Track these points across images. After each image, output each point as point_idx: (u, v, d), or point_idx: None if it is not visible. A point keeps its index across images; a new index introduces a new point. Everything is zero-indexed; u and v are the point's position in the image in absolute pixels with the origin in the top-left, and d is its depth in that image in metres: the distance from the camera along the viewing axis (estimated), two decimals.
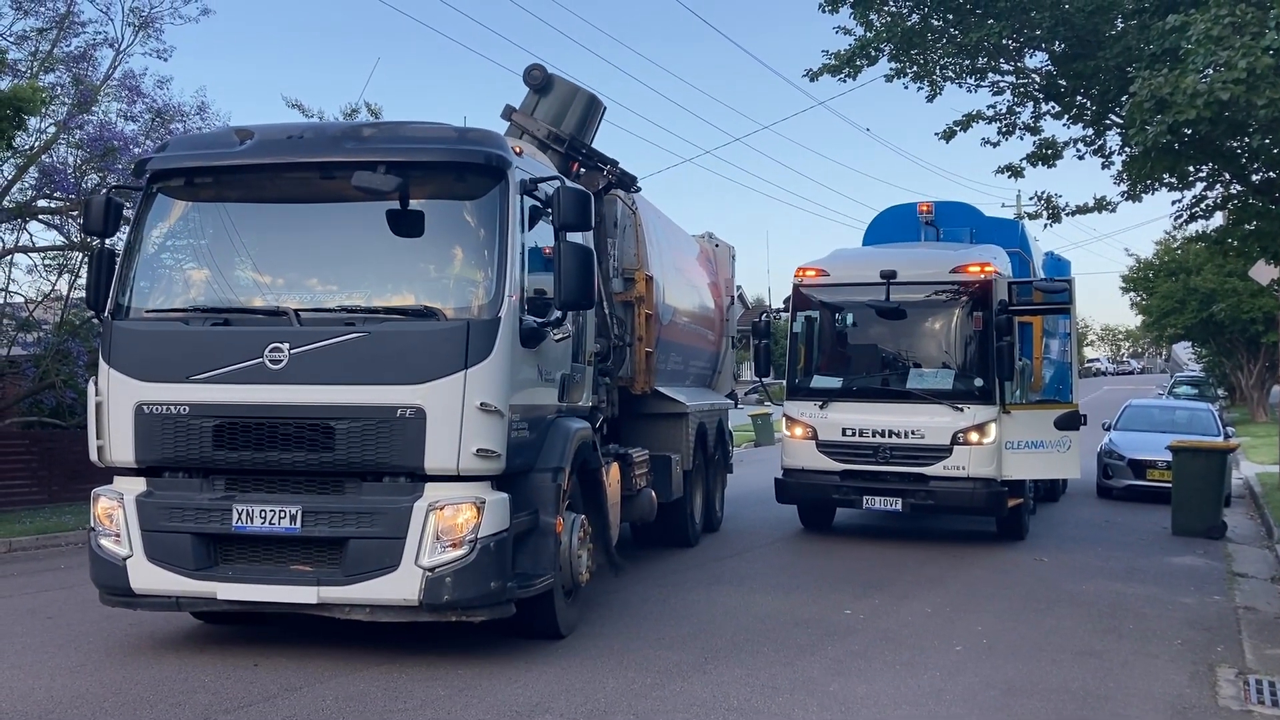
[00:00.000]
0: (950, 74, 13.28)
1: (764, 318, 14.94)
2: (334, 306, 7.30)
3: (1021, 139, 13.08)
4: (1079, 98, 12.42)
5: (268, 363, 7.08)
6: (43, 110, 15.48)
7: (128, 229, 7.88)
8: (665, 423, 11.72)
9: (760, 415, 31.52)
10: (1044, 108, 13.01)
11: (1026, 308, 13.18)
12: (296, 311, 7.22)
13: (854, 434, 12.92)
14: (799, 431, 13.29)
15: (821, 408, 13.13)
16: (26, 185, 16.78)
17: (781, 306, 14.59)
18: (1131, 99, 9.22)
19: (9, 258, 17.30)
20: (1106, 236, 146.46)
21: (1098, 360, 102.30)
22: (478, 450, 6.94)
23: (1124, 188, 12.88)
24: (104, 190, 9.24)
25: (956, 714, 6.52)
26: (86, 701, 6.55)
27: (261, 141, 7.65)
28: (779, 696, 6.77)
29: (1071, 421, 12.61)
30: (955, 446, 12.49)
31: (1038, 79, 13.06)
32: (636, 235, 11.04)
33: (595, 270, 7.77)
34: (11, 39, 16.52)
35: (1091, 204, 13.42)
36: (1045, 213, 13.38)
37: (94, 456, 7.51)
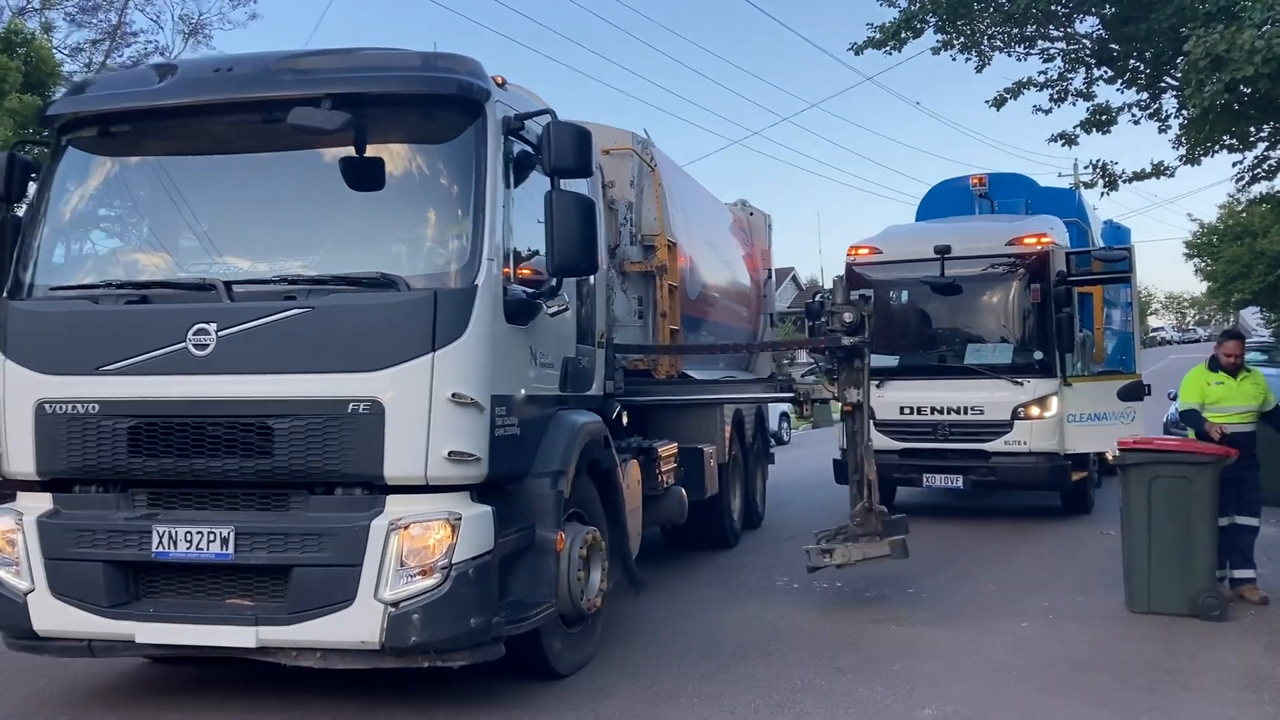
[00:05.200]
0: (999, 43, 13.06)
1: (817, 298, 14.81)
2: (272, 277, 5.97)
3: (1074, 105, 12.86)
4: (1132, 61, 12.17)
5: (191, 348, 5.78)
6: None
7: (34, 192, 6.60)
8: (697, 411, 10.33)
9: None
10: (1096, 73, 12.76)
11: (1085, 278, 12.98)
12: (227, 284, 5.91)
13: (912, 412, 12.82)
14: None
15: (878, 386, 12.94)
16: None
17: (834, 286, 14.44)
18: (1187, 58, 9.01)
19: None
20: (1168, 203, 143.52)
21: (1162, 329, 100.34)
22: (450, 453, 5.65)
23: (1182, 151, 12.62)
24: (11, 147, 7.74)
25: (1023, 690, 6.46)
26: None
27: (183, 78, 6.33)
28: (842, 676, 6.75)
29: (1135, 392, 12.38)
30: (1016, 421, 12.35)
31: (1089, 44, 12.80)
32: (656, 196, 9.83)
33: (599, 227, 6.39)
34: (66, 51, 16.88)
35: (1149, 170, 13.16)
36: (1101, 180, 13.15)
37: None
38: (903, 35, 12.44)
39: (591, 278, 7.21)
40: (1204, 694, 6.38)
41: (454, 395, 5.66)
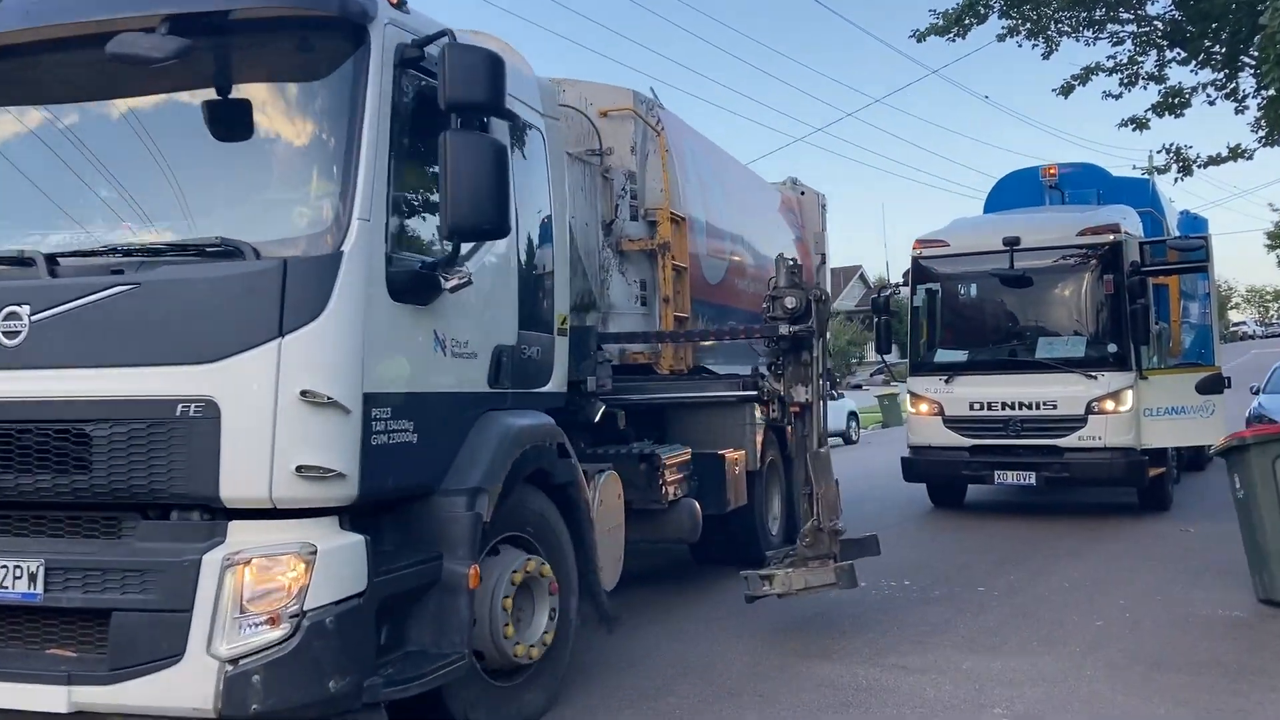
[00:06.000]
0: (1066, 28, 12.73)
1: (883, 294, 14.59)
2: (100, 247, 4.87)
3: (1145, 89, 12.48)
4: (1206, 41, 11.77)
5: (1, 337, 4.74)
6: None
7: None
8: (718, 411, 9.01)
9: (887, 396, 31.13)
10: (1168, 55, 12.37)
11: (1160, 268, 12.66)
12: (49, 257, 4.82)
13: (982, 407, 12.59)
14: (924, 408, 13.03)
15: (947, 382, 12.84)
16: None
17: (901, 281, 14.30)
18: (1263, 32, 8.69)
19: None
20: (1247, 193, 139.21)
21: (1244, 323, 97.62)
22: (300, 468, 4.47)
23: (1261, 133, 12.19)
24: None
25: (1098, 690, 6.22)
26: None
27: (6, 6, 5.20)
28: (909, 676, 6.57)
29: (1214, 385, 12.00)
30: (1090, 416, 12.05)
31: (1160, 25, 12.43)
32: (663, 164, 8.65)
33: (510, 178, 5.05)
34: None
35: (1225, 153, 12.74)
36: (1175, 165, 12.75)
37: None
38: (966, 21, 12.18)
39: (550, 249, 6.28)
40: None
41: (304, 393, 4.48)
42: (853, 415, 27.83)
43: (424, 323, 5.08)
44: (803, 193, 13.19)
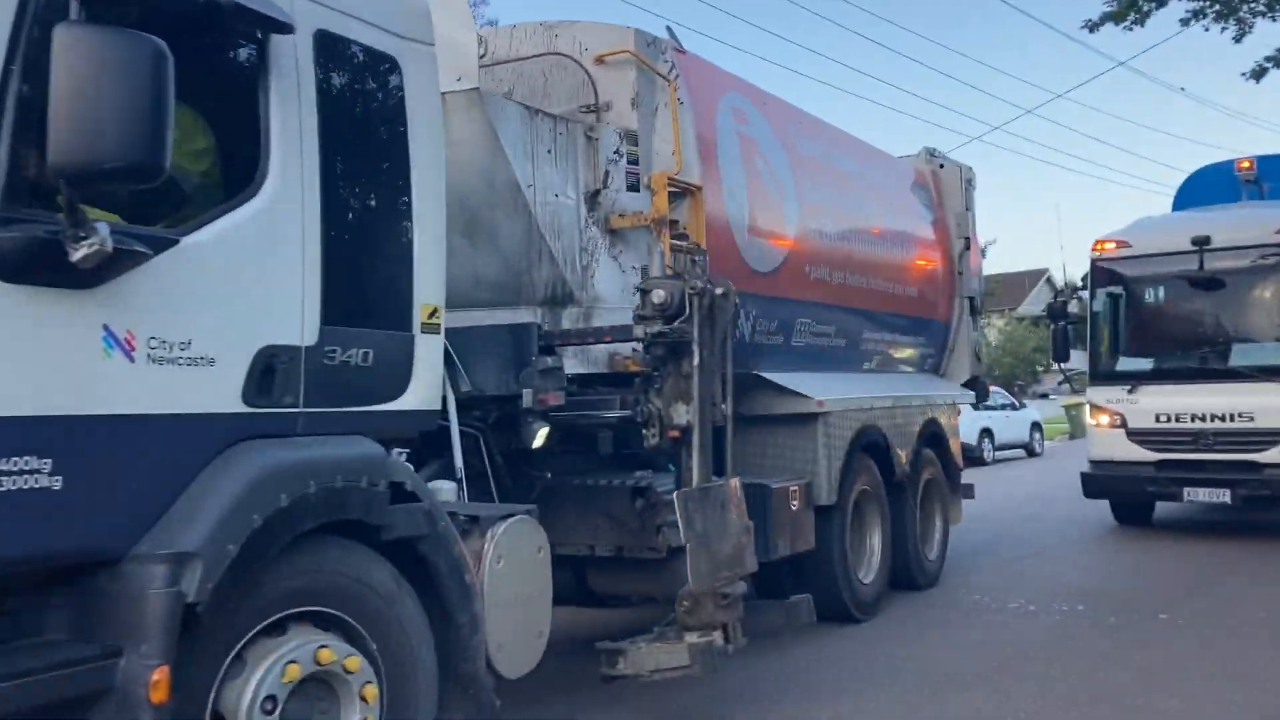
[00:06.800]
0: (1261, 8, 11.77)
1: (1059, 298, 13.89)
2: None
3: None
4: None
5: None
6: None
7: None
8: (775, 431, 7.46)
9: (1074, 405, 29.76)
10: None
11: None
12: None
13: (1169, 419, 11.81)
14: (1105, 420, 12.34)
15: (1130, 392, 12.12)
16: None
17: (1080, 284, 13.62)
18: None
19: None
20: None
21: None
22: None
23: None
24: None
25: None
26: None
27: None
28: (1073, 709, 6.08)
29: None
30: None
31: None
32: (674, 119, 6.87)
33: (169, 90, 3.18)
34: None
35: None
36: None
37: None
38: (1143, 7, 11.38)
39: (405, 214, 4.53)
40: None
41: None
42: (1036, 426, 26.75)
43: (79, 314, 3.38)
44: (941, 165, 11.16)
